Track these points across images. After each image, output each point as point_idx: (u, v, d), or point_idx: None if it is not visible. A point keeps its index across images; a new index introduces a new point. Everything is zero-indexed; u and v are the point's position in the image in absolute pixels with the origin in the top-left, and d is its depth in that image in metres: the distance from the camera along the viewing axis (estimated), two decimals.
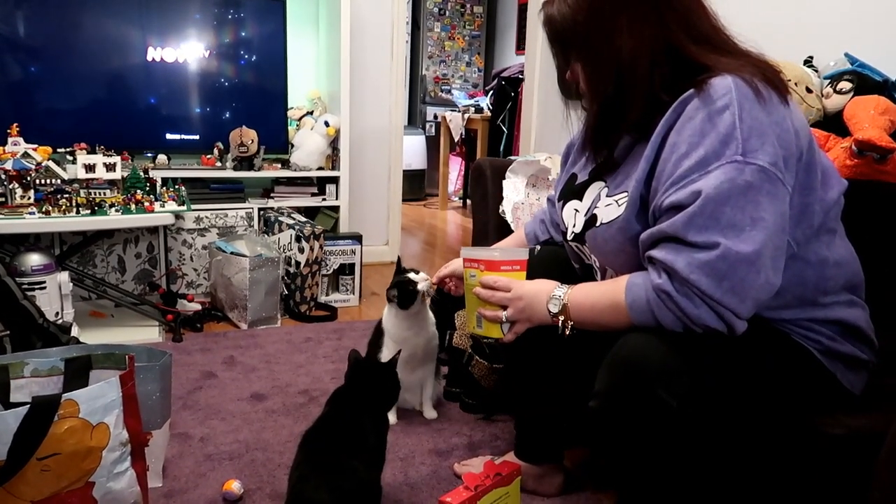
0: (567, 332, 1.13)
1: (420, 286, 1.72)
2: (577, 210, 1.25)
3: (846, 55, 1.68)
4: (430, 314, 1.88)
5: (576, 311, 1.11)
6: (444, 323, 2.12)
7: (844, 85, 1.60)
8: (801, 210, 1.05)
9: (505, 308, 1.20)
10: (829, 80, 1.66)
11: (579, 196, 1.25)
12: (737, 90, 0.98)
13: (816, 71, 1.73)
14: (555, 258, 1.40)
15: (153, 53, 2.85)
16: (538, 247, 1.47)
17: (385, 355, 1.77)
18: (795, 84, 1.59)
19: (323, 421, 1.31)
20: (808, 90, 1.62)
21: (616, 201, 1.13)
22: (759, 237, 0.95)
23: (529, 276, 1.23)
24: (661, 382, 0.96)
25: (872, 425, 1.01)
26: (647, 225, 1.05)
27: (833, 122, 1.58)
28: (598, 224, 1.16)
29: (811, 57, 1.79)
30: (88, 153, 2.37)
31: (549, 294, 1.14)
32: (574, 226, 1.25)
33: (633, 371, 0.99)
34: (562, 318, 1.13)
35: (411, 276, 1.73)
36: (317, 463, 1.22)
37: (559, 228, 1.49)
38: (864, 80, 1.59)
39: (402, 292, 1.73)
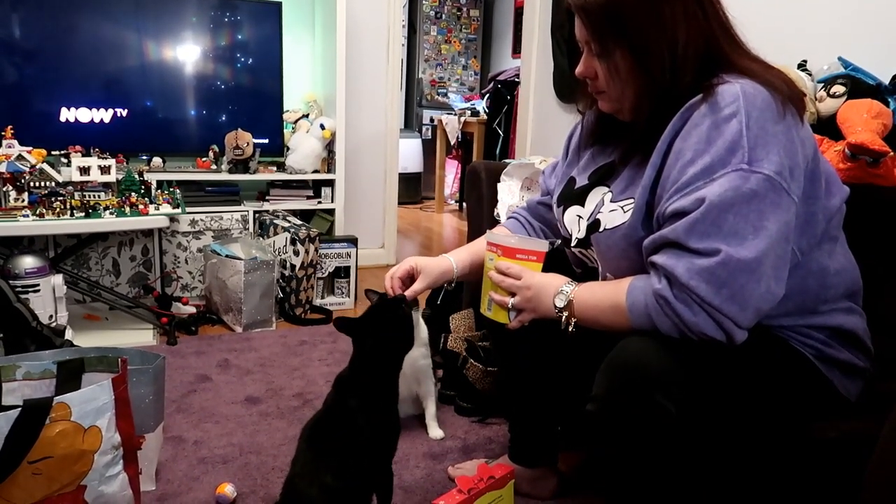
0: (570, 329, 1.13)
1: None
2: (579, 216, 1.24)
3: (839, 59, 1.68)
4: (421, 330, 1.84)
5: (579, 308, 1.11)
6: (439, 326, 2.12)
7: (838, 89, 1.60)
8: (806, 219, 1.04)
9: (513, 295, 1.20)
10: (822, 84, 1.66)
11: (581, 202, 1.24)
12: (744, 98, 0.98)
13: (810, 75, 1.74)
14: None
15: (149, 56, 2.85)
16: (558, 241, 1.46)
17: None
18: None
19: (322, 411, 1.27)
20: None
21: (622, 207, 1.12)
22: (760, 245, 0.94)
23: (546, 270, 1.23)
24: (659, 387, 0.96)
25: (865, 429, 1.00)
26: (652, 231, 1.05)
27: (826, 126, 1.58)
28: (601, 229, 1.15)
29: (805, 61, 1.79)
30: (83, 156, 2.37)
31: (557, 288, 1.14)
32: (578, 231, 1.24)
33: (631, 375, 0.99)
34: (565, 314, 1.13)
35: None
36: (312, 456, 1.21)
37: (544, 230, 1.48)
38: (857, 84, 1.59)
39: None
